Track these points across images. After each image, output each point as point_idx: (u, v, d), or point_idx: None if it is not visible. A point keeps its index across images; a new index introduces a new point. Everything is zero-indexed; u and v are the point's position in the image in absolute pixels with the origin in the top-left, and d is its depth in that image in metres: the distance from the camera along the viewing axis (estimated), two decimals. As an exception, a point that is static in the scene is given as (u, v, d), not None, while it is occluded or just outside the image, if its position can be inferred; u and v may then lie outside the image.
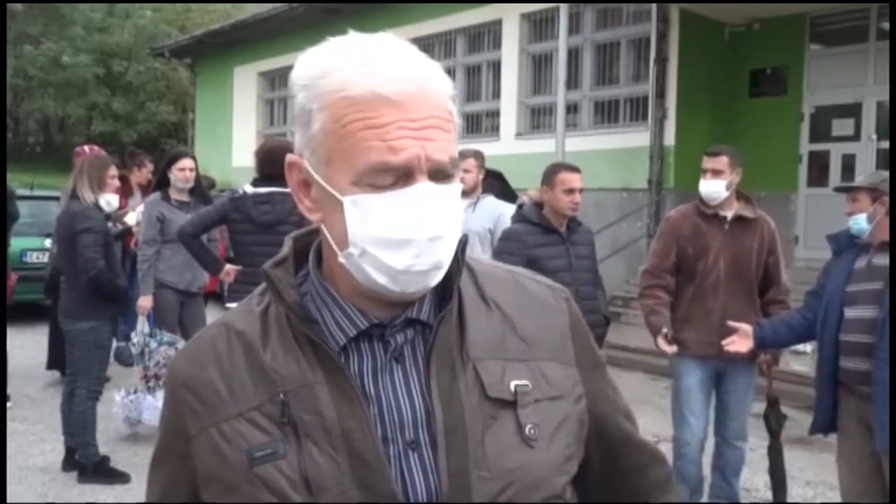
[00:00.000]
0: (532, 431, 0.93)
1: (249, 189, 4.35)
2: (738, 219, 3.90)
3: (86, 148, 6.96)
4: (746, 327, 3.58)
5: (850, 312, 3.16)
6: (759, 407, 4.23)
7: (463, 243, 0.96)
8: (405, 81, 0.86)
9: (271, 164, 4.36)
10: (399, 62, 0.88)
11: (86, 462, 4.63)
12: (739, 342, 3.57)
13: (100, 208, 4.56)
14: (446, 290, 0.96)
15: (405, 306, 0.95)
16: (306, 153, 0.92)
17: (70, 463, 4.73)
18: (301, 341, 0.92)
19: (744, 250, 3.86)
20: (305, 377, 0.91)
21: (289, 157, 0.95)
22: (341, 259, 0.91)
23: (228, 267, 4.45)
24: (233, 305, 4.02)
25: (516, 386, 0.94)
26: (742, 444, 4.01)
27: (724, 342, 3.58)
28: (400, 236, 0.87)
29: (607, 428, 1.07)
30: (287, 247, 1.01)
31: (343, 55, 0.89)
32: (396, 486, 0.88)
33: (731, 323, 3.61)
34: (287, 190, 4.06)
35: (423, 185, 0.87)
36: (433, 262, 0.89)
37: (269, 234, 4.25)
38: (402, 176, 0.87)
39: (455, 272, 0.95)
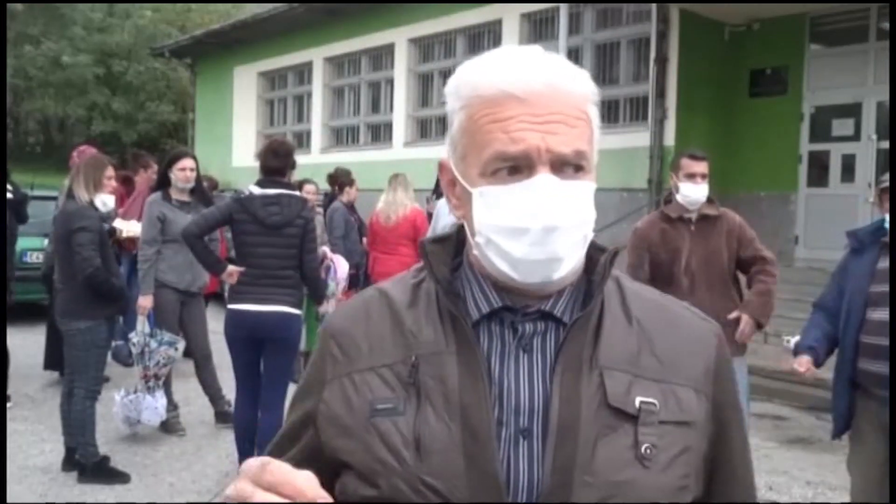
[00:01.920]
0: (648, 451, 0.91)
1: (257, 190, 4.35)
2: (703, 218, 3.96)
3: (81, 148, 6.99)
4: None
5: (873, 314, 3.08)
6: (761, 407, 4.23)
7: (612, 255, 1.00)
8: (533, 80, 0.92)
9: (273, 155, 4.41)
10: (531, 63, 0.94)
11: (85, 462, 4.63)
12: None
13: (95, 208, 4.57)
14: (588, 295, 0.99)
15: (541, 298, 0.97)
16: (450, 152, 1.00)
17: (70, 463, 4.73)
18: (443, 313, 0.97)
19: (713, 247, 3.92)
20: (438, 345, 0.95)
21: (440, 160, 1.02)
22: (474, 250, 0.98)
23: (231, 268, 4.43)
24: (235, 307, 4.03)
25: (641, 402, 0.93)
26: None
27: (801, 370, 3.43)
28: (516, 224, 0.92)
29: (718, 477, 1.01)
30: (452, 228, 1.07)
31: (484, 61, 0.96)
32: (501, 466, 0.90)
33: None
34: (294, 193, 4.13)
35: (542, 177, 0.91)
36: (549, 252, 0.92)
37: (276, 236, 4.29)
38: (525, 168, 0.92)
39: (599, 279, 0.98)
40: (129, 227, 6.27)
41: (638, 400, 0.93)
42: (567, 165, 0.93)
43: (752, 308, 3.91)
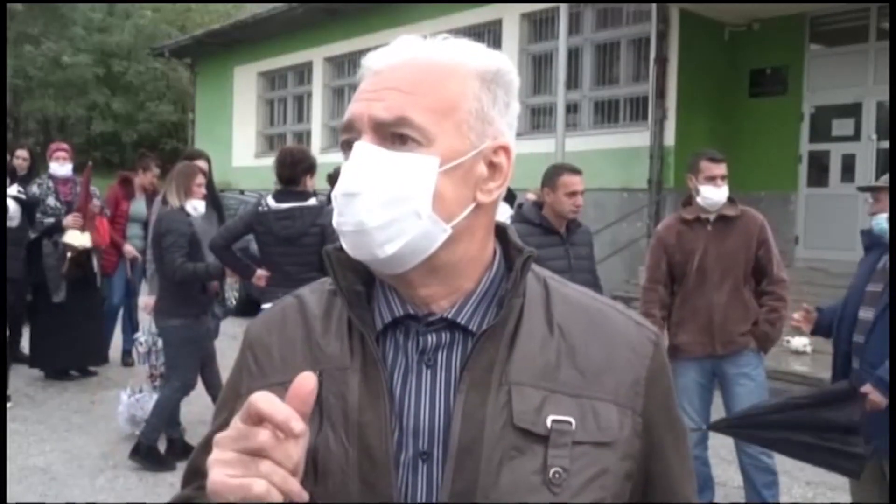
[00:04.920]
0: (556, 476, 0.84)
1: (273, 204, 4.54)
2: (721, 218, 3.94)
3: (53, 146, 7.08)
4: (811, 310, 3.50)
5: (861, 312, 3.12)
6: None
7: (524, 259, 0.92)
8: (395, 54, 0.89)
9: (280, 166, 4.61)
10: (407, 42, 0.91)
11: (145, 441, 4.81)
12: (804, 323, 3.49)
13: (186, 213, 4.81)
14: (502, 305, 0.90)
15: (442, 297, 0.91)
16: None
17: (173, 452, 4.88)
18: (352, 325, 0.92)
19: (728, 248, 3.90)
20: (343, 361, 0.90)
21: None
22: None
23: (260, 272, 4.62)
24: (268, 306, 4.09)
25: (554, 421, 0.86)
26: (760, 454, 3.89)
27: (795, 317, 3.49)
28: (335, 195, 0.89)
29: (654, 493, 0.95)
30: None
31: None
32: (398, 493, 0.85)
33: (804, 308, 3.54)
34: (306, 204, 4.27)
35: (358, 144, 0.87)
36: (354, 223, 0.86)
37: (291, 247, 4.49)
38: (356, 140, 0.88)
39: (512, 287, 0.90)
40: (78, 240, 6.30)
41: (550, 419, 0.85)
42: (393, 135, 0.86)
43: (759, 336, 3.91)
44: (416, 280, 0.90)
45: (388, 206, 0.85)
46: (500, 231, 0.98)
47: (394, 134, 0.86)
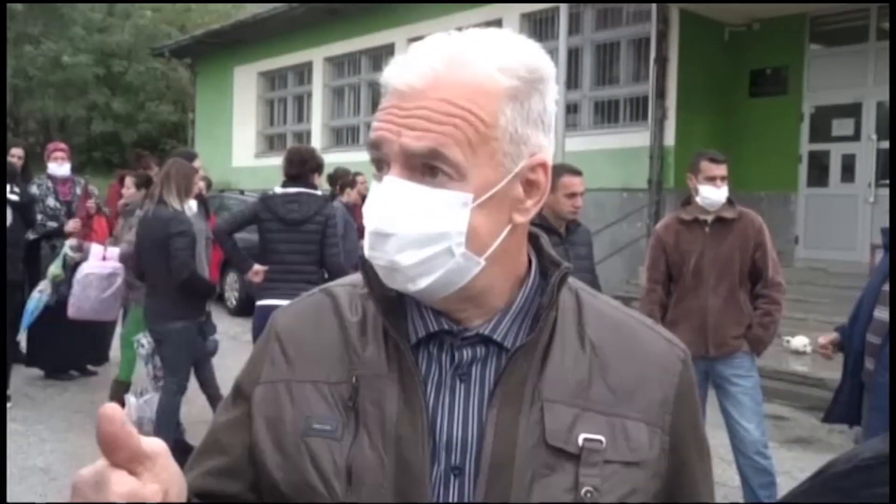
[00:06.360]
0: (588, 494, 0.84)
1: (279, 189, 4.63)
2: (719, 220, 3.95)
3: (50, 146, 7.08)
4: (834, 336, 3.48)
5: (876, 312, 3.10)
6: (770, 409, 4.20)
7: (560, 276, 0.91)
8: (415, 74, 0.84)
9: (288, 164, 4.70)
10: (425, 55, 0.85)
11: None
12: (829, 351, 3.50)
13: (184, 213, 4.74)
14: (537, 318, 0.90)
15: (478, 316, 0.90)
16: None
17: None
18: (387, 332, 0.90)
19: (725, 250, 3.91)
20: (380, 368, 0.89)
21: None
22: None
23: (257, 267, 4.63)
24: (264, 303, 4.20)
25: (585, 440, 0.85)
26: (755, 455, 3.89)
27: (820, 342, 3.52)
28: (366, 226, 0.86)
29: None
30: None
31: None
32: None
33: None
34: (313, 191, 4.32)
35: (388, 177, 0.84)
36: (385, 259, 0.85)
37: (295, 233, 4.53)
38: (386, 165, 0.85)
39: (547, 303, 0.90)
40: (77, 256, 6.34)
41: (582, 437, 0.85)
42: (423, 165, 0.83)
43: (752, 339, 3.92)
44: (450, 306, 0.90)
45: (420, 245, 0.84)
46: (534, 239, 0.96)
47: (425, 164, 0.83)
